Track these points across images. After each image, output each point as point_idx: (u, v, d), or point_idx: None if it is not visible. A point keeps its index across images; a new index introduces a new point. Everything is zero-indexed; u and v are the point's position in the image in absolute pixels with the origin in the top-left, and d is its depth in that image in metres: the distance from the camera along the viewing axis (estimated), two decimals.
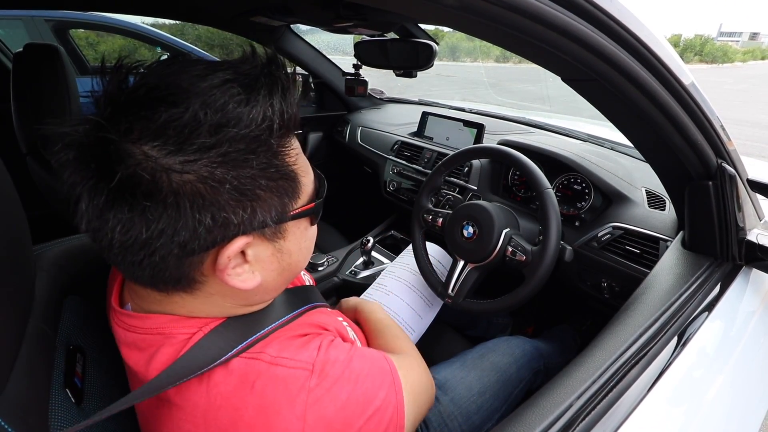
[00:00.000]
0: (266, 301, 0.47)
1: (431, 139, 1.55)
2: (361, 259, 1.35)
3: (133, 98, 0.31)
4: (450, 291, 0.93)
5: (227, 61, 0.35)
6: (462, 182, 1.28)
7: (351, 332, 0.57)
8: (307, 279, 0.65)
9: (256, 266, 0.39)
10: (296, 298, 0.53)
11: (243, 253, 0.37)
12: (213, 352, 0.39)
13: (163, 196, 0.30)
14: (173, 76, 0.32)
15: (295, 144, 0.39)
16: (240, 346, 0.41)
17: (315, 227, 0.46)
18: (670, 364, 0.54)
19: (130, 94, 0.31)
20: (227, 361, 0.40)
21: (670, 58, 0.52)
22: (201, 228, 0.32)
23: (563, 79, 0.57)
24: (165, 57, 0.36)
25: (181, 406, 0.40)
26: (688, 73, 0.56)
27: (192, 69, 0.33)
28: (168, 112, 0.30)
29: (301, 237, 0.43)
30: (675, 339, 0.57)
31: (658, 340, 0.55)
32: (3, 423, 0.33)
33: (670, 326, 0.57)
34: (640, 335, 0.54)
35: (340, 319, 0.59)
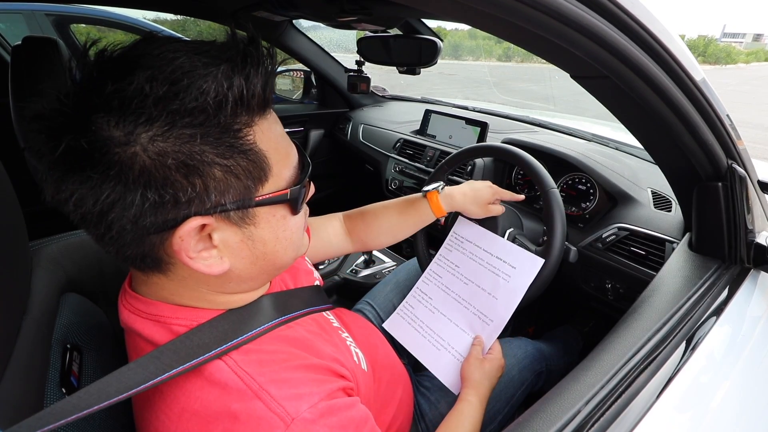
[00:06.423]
0: (245, 291, 0.45)
1: (434, 137, 1.54)
2: (362, 258, 1.34)
3: (89, 73, 0.31)
4: None
5: (204, 41, 0.34)
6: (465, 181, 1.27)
7: (355, 354, 0.55)
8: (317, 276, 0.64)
9: (225, 252, 0.38)
10: (292, 301, 0.51)
11: (210, 237, 0.36)
12: (199, 348, 0.39)
13: (106, 168, 0.30)
14: (132, 51, 0.32)
15: (264, 125, 0.36)
16: (229, 344, 0.40)
17: (299, 218, 0.43)
18: (679, 369, 0.52)
19: (88, 70, 0.31)
20: (217, 358, 0.39)
21: (682, 53, 0.51)
22: (147, 204, 0.32)
23: (572, 77, 0.56)
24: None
25: (164, 396, 0.39)
26: (699, 69, 0.54)
27: (154, 44, 0.32)
28: (114, 85, 0.29)
29: (278, 226, 0.40)
30: (684, 344, 0.55)
31: (666, 345, 0.53)
32: None
33: (679, 330, 0.56)
34: (648, 339, 0.53)
35: (345, 335, 0.57)
